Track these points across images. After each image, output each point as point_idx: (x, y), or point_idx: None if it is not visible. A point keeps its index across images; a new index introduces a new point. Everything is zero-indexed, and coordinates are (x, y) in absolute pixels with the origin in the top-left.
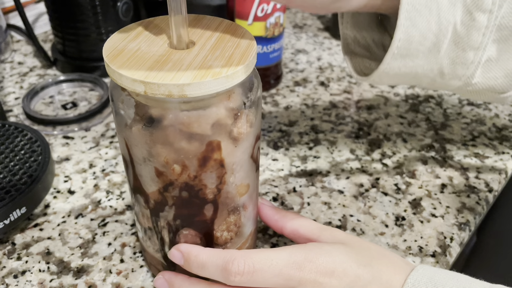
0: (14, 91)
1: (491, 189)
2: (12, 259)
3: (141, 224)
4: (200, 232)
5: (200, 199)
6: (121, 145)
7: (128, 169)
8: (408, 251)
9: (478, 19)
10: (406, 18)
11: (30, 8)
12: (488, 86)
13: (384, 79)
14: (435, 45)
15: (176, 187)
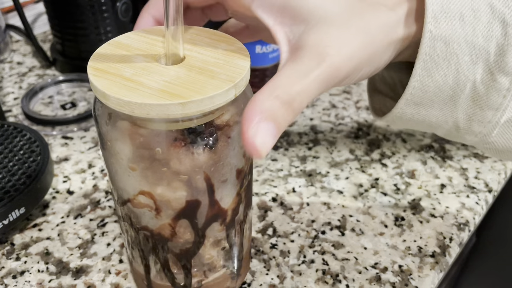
0: (13, 91)
1: (490, 189)
2: (11, 259)
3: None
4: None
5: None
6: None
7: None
8: (408, 251)
9: (499, 81)
10: (422, 68)
11: (29, 8)
12: (506, 146)
13: (398, 123)
14: (451, 99)
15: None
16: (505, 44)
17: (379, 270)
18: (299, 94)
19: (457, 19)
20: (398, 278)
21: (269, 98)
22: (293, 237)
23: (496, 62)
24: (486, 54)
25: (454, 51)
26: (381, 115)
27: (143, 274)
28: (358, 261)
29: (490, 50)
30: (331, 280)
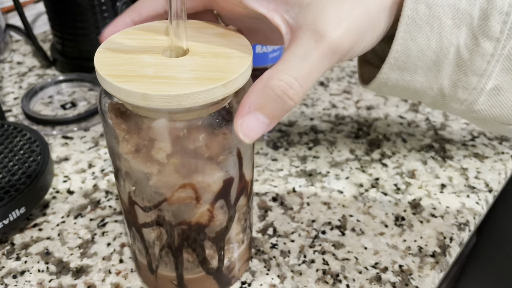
0: (13, 91)
1: (490, 189)
2: (11, 259)
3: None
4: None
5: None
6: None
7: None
8: (408, 251)
9: (483, 45)
10: (405, 31)
11: (29, 8)
12: (493, 115)
13: (384, 89)
14: (435, 63)
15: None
16: (488, 8)
17: (380, 270)
18: (295, 82)
19: None
20: (399, 278)
21: (262, 90)
22: (294, 237)
23: (479, 26)
24: (470, 18)
25: (437, 14)
26: (368, 83)
27: (171, 275)
28: (359, 261)
29: (474, 14)
30: (332, 280)
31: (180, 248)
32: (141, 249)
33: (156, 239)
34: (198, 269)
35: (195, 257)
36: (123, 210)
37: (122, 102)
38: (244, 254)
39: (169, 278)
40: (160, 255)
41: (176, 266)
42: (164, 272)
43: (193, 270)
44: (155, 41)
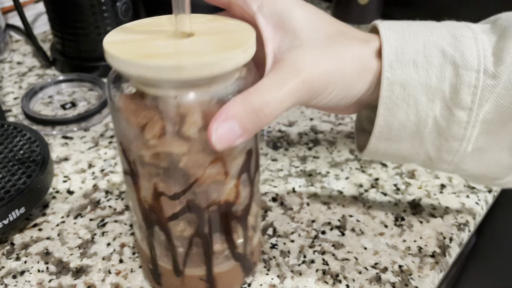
0: (13, 91)
1: (490, 189)
2: (11, 259)
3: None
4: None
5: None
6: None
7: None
8: (408, 252)
9: (457, 115)
10: (384, 109)
11: (29, 8)
12: (480, 172)
13: (376, 157)
14: (416, 133)
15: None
16: (457, 83)
17: (379, 270)
18: (272, 102)
19: (411, 65)
20: (398, 278)
21: (241, 102)
22: (293, 237)
23: (451, 99)
24: (442, 93)
25: (411, 93)
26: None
27: (199, 273)
28: (358, 261)
29: (445, 89)
30: (331, 280)
31: (210, 234)
32: (164, 252)
33: (183, 231)
34: (225, 260)
35: (224, 242)
36: (141, 212)
37: (142, 85)
38: (259, 238)
39: (197, 276)
40: (188, 250)
41: (206, 256)
42: (192, 270)
43: (220, 262)
44: (159, 30)
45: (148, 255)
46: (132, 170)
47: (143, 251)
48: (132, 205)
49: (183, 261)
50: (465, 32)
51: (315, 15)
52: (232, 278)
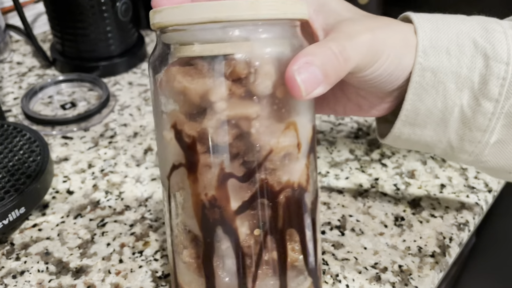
0: (13, 91)
1: (490, 189)
2: (11, 259)
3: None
4: None
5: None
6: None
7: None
8: (408, 251)
9: (484, 105)
10: (413, 94)
11: (29, 8)
12: (499, 165)
13: (398, 142)
14: (442, 120)
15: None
16: (487, 74)
17: (379, 270)
18: (348, 47)
19: (444, 53)
20: (398, 278)
21: (319, 46)
22: None
23: (480, 89)
24: (471, 83)
25: (441, 80)
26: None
27: (278, 281)
28: (358, 261)
29: (474, 79)
30: (331, 280)
31: (284, 230)
32: (226, 267)
33: (252, 230)
34: (298, 274)
35: (296, 247)
36: (199, 213)
37: (203, 44)
38: (320, 253)
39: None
40: (259, 257)
41: (281, 263)
42: (263, 286)
43: (293, 277)
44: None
45: (202, 284)
46: (188, 157)
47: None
48: (181, 213)
49: (253, 278)
50: (495, 26)
51: (346, 3)
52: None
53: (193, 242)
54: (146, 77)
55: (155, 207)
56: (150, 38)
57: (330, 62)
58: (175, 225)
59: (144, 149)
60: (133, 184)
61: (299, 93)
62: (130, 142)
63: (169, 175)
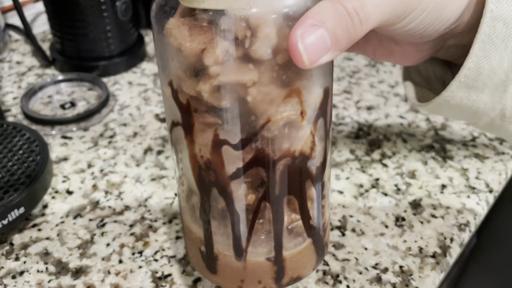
0: (12, 90)
1: (491, 189)
2: (10, 259)
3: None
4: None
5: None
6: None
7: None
8: (408, 252)
9: None
10: (480, 49)
11: (28, 7)
12: None
13: (444, 109)
14: (503, 83)
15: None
16: None
17: (380, 271)
18: (368, 3)
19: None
20: (399, 279)
21: (331, 3)
22: None
23: None
24: None
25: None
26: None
27: (266, 250)
28: (359, 262)
29: None
30: (332, 281)
31: (281, 197)
32: (221, 227)
33: (248, 195)
34: (297, 236)
35: (296, 211)
36: (196, 173)
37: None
38: (329, 212)
39: (263, 257)
40: (253, 221)
41: (276, 229)
42: (257, 250)
43: (291, 239)
44: None
45: (200, 235)
46: (184, 117)
47: (191, 231)
48: (182, 167)
49: (247, 238)
50: None
51: None
52: (304, 259)
53: (191, 195)
54: (146, 76)
55: (155, 207)
56: (150, 37)
57: (343, 23)
58: (179, 173)
59: (144, 149)
60: (132, 184)
61: (301, 61)
62: (129, 142)
63: (170, 130)
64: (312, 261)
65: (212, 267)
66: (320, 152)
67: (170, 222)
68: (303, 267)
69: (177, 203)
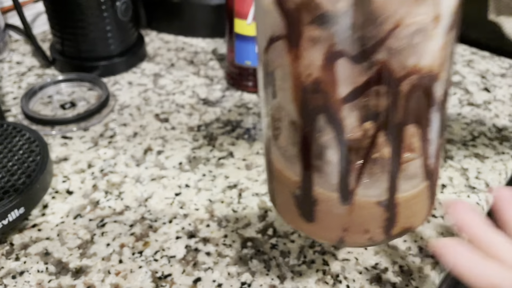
0: (13, 90)
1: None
2: (10, 259)
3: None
4: None
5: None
6: None
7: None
8: (408, 252)
9: None
10: None
11: (28, 7)
12: None
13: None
14: None
15: None
16: None
17: (380, 271)
18: None
19: None
20: (399, 279)
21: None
22: (293, 237)
23: None
24: None
25: None
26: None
27: (378, 192)
28: (359, 261)
29: None
30: (332, 281)
31: (402, 126)
32: (325, 165)
33: (362, 124)
34: (413, 177)
35: (414, 147)
36: (299, 96)
37: None
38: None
39: (374, 200)
40: (367, 156)
41: (393, 167)
42: (367, 191)
43: (406, 179)
44: None
45: (295, 176)
46: (290, 27)
47: (282, 173)
48: (277, 95)
49: (357, 176)
50: None
51: None
52: (417, 206)
53: (291, 128)
54: (146, 76)
55: (155, 207)
56: (150, 37)
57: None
58: (271, 107)
59: (144, 149)
60: (133, 184)
61: None
62: (130, 142)
63: (266, 49)
64: (424, 210)
65: (308, 214)
66: (447, 72)
67: (170, 222)
68: (415, 215)
69: (177, 203)
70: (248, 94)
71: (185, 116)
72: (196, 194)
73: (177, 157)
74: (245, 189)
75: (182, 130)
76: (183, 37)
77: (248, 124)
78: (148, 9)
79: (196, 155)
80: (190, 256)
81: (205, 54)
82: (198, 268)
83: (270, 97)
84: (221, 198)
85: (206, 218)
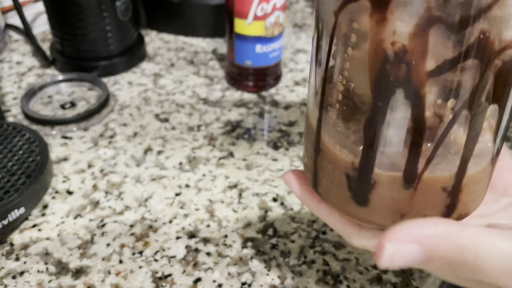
0: (12, 90)
1: None
2: (10, 259)
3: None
4: None
5: None
6: None
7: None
8: None
9: None
10: None
11: (28, 7)
12: None
13: None
14: None
15: None
16: None
17: (380, 271)
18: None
19: None
20: (399, 279)
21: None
22: (294, 237)
23: None
24: None
25: None
26: None
27: (447, 174)
28: (359, 262)
29: None
30: (332, 281)
31: (486, 106)
32: (392, 147)
33: (447, 99)
34: (482, 157)
35: (494, 125)
36: (374, 71)
37: None
38: None
39: (440, 183)
40: (445, 135)
41: (469, 147)
42: (436, 174)
43: (477, 159)
44: None
45: (350, 157)
46: None
47: (334, 153)
48: (346, 63)
49: (428, 159)
50: None
51: None
52: (478, 191)
53: (357, 102)
54: (146, 76)
55: (155, 207)
56: (150, 37)
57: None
58: (331, 75)
59: (144, 149)
60: (133, 184)
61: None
62: (130, 142)
63: (339, 9)
64: (482, 196)
65: (362, 198)
66: None
67: (170, 222)
68: (474, 201)
69: (177, 203)
70: (248, 94)
71: (185, 116)
72: (196, 194)
73: (177, 157)
74: (245, 189)
75: (182, 130)
76: (183, 37)
77: (248, 124)
78: (148, 9)
79: (196, 155)
80: (190, 256)
81: (205, 54)
82: (198, 268)
83: (331, 65)
84: (221, 198)
85: (206, 218)
